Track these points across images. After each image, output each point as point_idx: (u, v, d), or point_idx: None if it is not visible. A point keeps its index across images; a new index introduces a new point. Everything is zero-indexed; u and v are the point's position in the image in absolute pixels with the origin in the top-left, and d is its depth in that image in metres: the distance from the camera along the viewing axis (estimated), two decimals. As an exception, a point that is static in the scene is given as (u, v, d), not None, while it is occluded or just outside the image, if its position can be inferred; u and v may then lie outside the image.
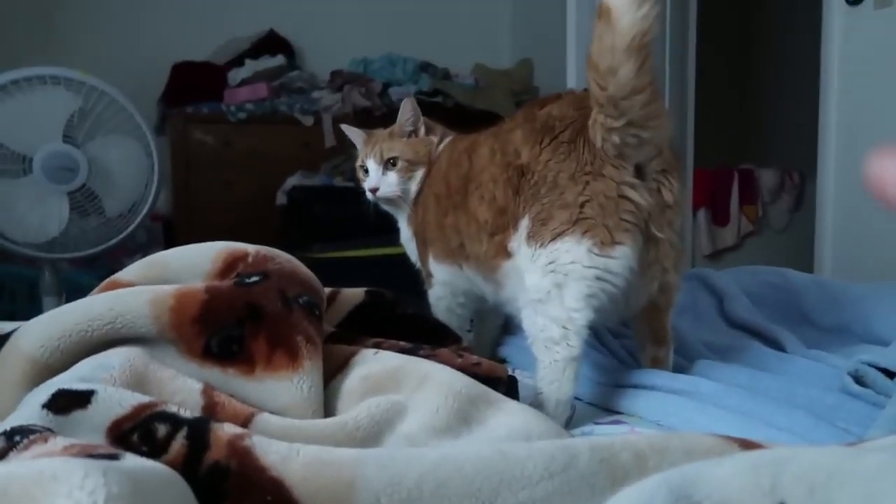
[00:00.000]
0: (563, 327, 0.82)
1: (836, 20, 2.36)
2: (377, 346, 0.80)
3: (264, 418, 0.60)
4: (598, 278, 0.81)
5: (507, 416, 0.64)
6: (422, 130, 1.17)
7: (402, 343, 0.83)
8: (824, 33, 2.41)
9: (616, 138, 0.79)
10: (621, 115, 0.77)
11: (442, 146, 1.15)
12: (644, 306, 0.91)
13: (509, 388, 0.76)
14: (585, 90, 0.86)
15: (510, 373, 0.80)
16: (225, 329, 0.69)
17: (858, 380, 0.79)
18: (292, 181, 2.63)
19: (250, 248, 0.80)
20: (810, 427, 0.71)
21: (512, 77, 3.51)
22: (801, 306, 1.14)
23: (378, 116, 3.06)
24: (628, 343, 1.03)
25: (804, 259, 2.51)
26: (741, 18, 4.29)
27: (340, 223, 2.48)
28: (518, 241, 0.87)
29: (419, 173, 1.13)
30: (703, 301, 1.18)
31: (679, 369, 0.92)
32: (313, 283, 0.79)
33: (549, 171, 0.84)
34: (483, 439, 0.60)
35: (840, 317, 1.09)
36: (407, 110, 1.17)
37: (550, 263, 0.82)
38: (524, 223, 0.86)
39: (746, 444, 0.52)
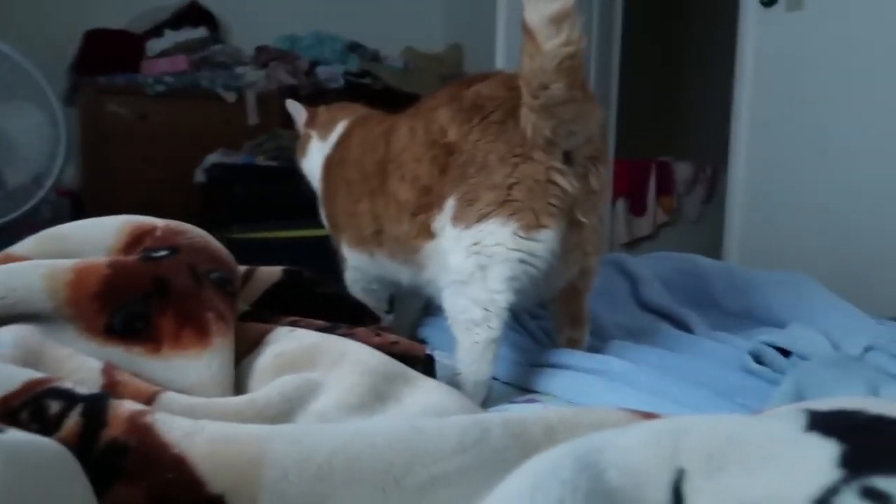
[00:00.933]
0: (485, 309, 0.82)
1: (751, 21, 2.47)
2: (293, 324, 0.78)
3: (169, 396, 0.58)
4: (522, 261, 0.81)
5: (423, 393, 0.64)
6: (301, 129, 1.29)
7: (319, 322, 0.81)
8: (740, 33, 2.52)
9: (547, 132, 0.79)
10: (552, 116, 0.78)
11: (340, 127, 1.14)
12: (564, 289, 0.92)
13: (427, 367, 0.76)
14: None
15: (428, 352, 0.80)
16: (129, 305, 0.65)
17: (758, 359, 0.83)
18: (212, 158, 2.54)
19: (158, 222, 0.77)
20: (713, 403, 0.74)
21: (442, 61, 3.50)
22: (709, 291, 1.19)
23: (304, 95, 2.99)
24: (545, 324, 1.05)
25: (715, 249, 2.63)
26: (663, 18, 4.43)
27: (262, 203, 2.42)
28: (442, 222, 0.86)
29: None
30: (618, 285, 1.22)
31: (593, 350, 0.94)
32: (226, 258, 0.76)
33: (478, 151, 0.83)
34: (398, 416, 0.60)
35: (744, 302, 1.15)
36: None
37: (475, 245, 0.82)
38: (450, 203, 0.85)
39: (650, 418, 0.54)
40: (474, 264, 0.82)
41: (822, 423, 0.34)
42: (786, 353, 0.83)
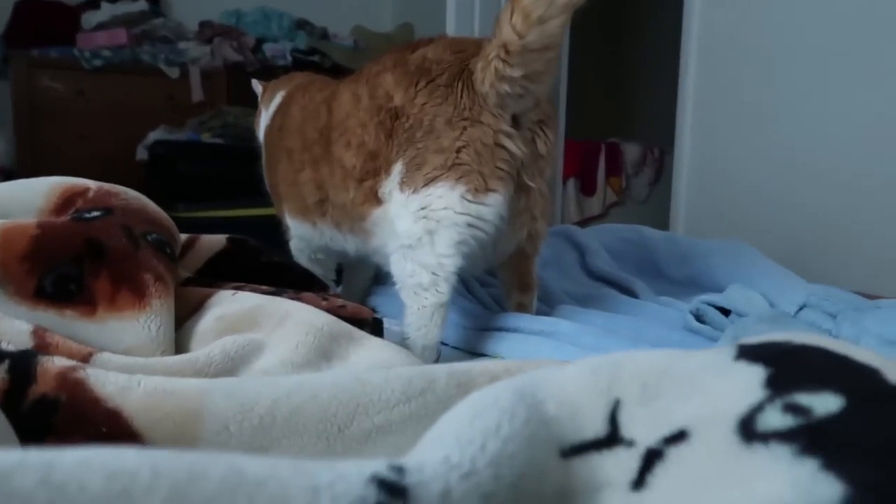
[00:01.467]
0: (433, 273, 0.82)
1: (696, 3, 2.51)
2: (237, 290, 0.76)
3: (104, 356, 0.56)
4: (470, 225, 0.81)
5: (369, 351, 0.63)
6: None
7: (263, 287, 0.80)
8: (685, 15, 2.56)
9: (506, 87, 0.78)
10: (523, 65, 0.76)
11: (279, 97, 1.13)
12: (512, 253, 0.93)
13: (375, 330, 0.75)
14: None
15: (377, 316, 0.80)
16: (60, 267, 0.63)
17: (699, 318, 0.86)
18: (155, 135, 2.46)
19: (91, 184, 0.74)
20: (656, 361, 0.76)
21: (392, 41, 3.46)
22: (653, 260, 1.21)
23: (251, 72, 2.92)
24: (494, 291, 1.05)
25: (662, 228, 2.66)
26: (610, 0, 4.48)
27: (208, 181, 2.36)
28: (390, 187, 0.85)
29: None
30: (566, 255, 1.23)
31: (542, 315, 0.95)
32: (164, 220, 0.74)
33: (424, 114, 0.82)
34: (343, 370, 0.59)
35: (687, 269, 1.18)
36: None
37: (423, 209, 0.81)
38: (397, 168, 0.84)
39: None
40: (422, 228, 0.81)
41: (749, 352, 0.35)
42: (725, 312, 0.85)
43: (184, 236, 0.85)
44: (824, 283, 1.10)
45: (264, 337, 0.63)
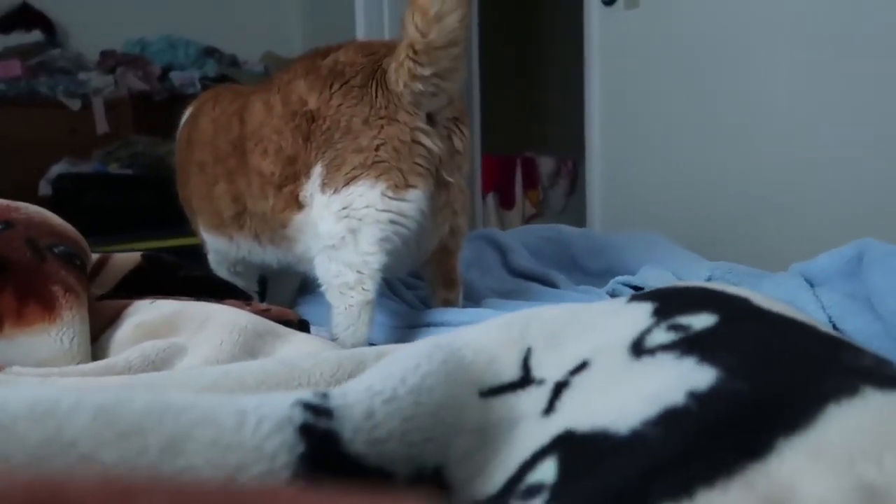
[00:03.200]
0: (358, 272, 0.82)
1: (595, 19, 2.63)
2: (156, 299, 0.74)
3: (15, 369, 0.53)
4: (392, 221, 0.82)
5: (296, 345, 0.63)
6: None
7: (183, 299, 0.78)
8: (585, 31, 2.68)
9: (419, 86, 0.80)
10: (431, 63, 0.78)
11: (187, 111, 1.13)
12: (435, 250, 0.94)
13: (300, 330, 0.75)
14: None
15: (302, 318, 0.79)
16: (-40, 284, 0.60)
17: (614, 297, 0.89)
18: (58, 169, 2.36)
19: None
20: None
21: (303, 66, 3.46)
22: (572, 255, 1.26)
23: (159, 101, 2.85)
24: (420, 293, 1.06)
25: (579, 233, 2.76)
26: (515, 18, 4.63)
27: (118, 213, 2.27)
28: (311, 190, 0.86)
29: None
30: (488, 256, 1.26)
31: (467, 310, 0.97)
32: (70, 233, 0.71)
33: (341, 115, 0.83)
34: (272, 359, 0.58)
35: (604, 261, 1.22)
36: None
37: (344, 209, 0.82)
38: (317, 170, 0.85)
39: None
40: (345, 228, 0.82)
41: (640, 296, 0.41)
42: (638, 290, 0.89)
43: (95, 255, 0.82)
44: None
45: (186, 340, 0.61)
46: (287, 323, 0.74)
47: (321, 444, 0.26)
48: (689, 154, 2.29)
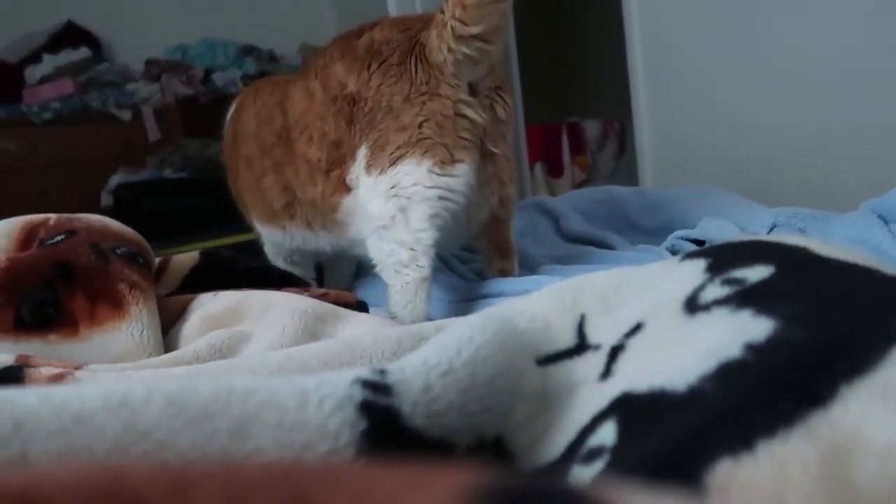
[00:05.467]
0: (411, 249, 0.83)
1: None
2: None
3: (92, 367, 0.56)
4: (441, 197, 0.82)
5: (356, 325, 0.64)
6: None
7: (244, 290, 0.80)
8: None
9: (463, 48, 0.79)
10: (477, 22, 0.77)
11: (231, 108, 1.14)
12: (487, 221, 0.94)
13: (359, 311, 0.76)
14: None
15: (360, 300, 0.80)
16: (34, 294, 0.63)
17: (674, 253, 0.88)
18: (116, 179, 2.45)
19: (51, 215, 0.75)
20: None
21: (340, 53, 3.48)
22: (626, 214, 1.23)
23: (204, 104, 2.92)
24: (475, 266, 1.06)
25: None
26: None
27: (177, 217, 2.35)
28: (357, 172, 0.86)
29: None
30: (541, 224, 1.25)
31: (523, 279, 0.96)
32: (131, 236, 0.74)
33: (381, 95, 0.83)
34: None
35: (661, 218, 1.19)
36: None
37: (392, 188, 0.82)
38: (362, 152, 0.85)
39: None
40: (395, 207, 0.82)
41: (693, 254, 0.40)
42: (700, 244, 0.87)
43: (156, 260, 0.85)
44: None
45: (250, 328, 0.63)
46: (346, 305, 0.75)
47: (382, 420, 0.27)
48: (740, 101, 2.20)
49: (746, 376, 0.26)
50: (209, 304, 0.69)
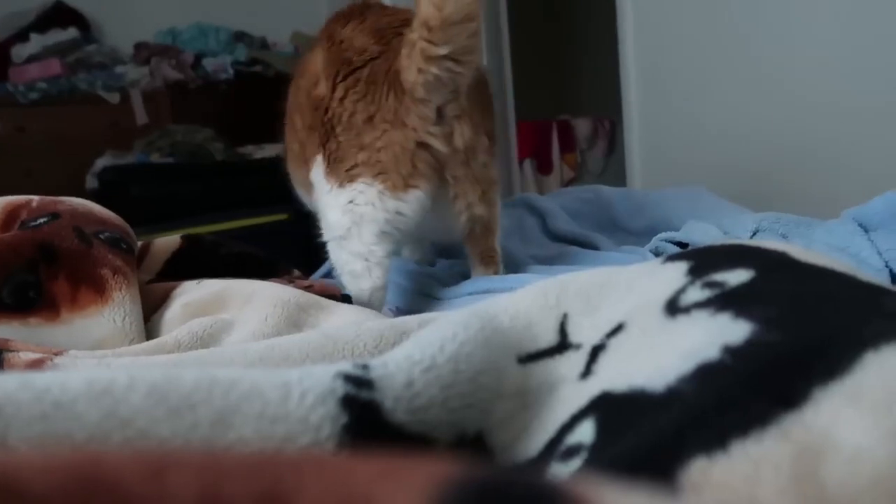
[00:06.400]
0: (365, 260, 0.85)
1: (626, -29, 2.56)
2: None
3: (72, 353, 0.56)
4: (389, 220, 0.83)
5: (340, 316, 0.64)
6: None
7: (227, 277, 0.80)
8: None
9: (434, 69, 0.77)
10: (447, 41, 0.75)
11: None
12: (467, 232, 0.93)
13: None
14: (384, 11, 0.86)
15: (344, 293, 0.80)
16: (15, 276, 0.63)
17: (658, 255, 0.88)
18: (102, 162, 2.42)
19: (33, 196, 0.74)
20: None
21: (332, 43, 3.46)
22: (613, 215, 1.24)
23: (194, 89, 2.90)
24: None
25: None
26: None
27: (163, 202, 2.33)
28: (317, 175, 0.87)
29: None
30: (527, 222, 1.25)
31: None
32: (113, 220, 0.74)
33: (343, 109, 0.83)
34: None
35: (646, 219, 1.20)
36: None
37: (350, 203, 0.83)
38: (319, 158, 0.86)
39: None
40: (350, 220, 0.84)
41: (675, 256, 0.40)
42: (683, 247, 0.88)
43: (138, 244, 0.85)
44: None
45: (232, 316, 0.63)
46: (330, 297, 0.76)
47: (364, 415, 0.27)
48: (729, 105, 2.22)
49: (723, 378, 0.27)
50: (192, 291, 0.69)
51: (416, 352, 0.30)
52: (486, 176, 0.90)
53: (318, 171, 0.86)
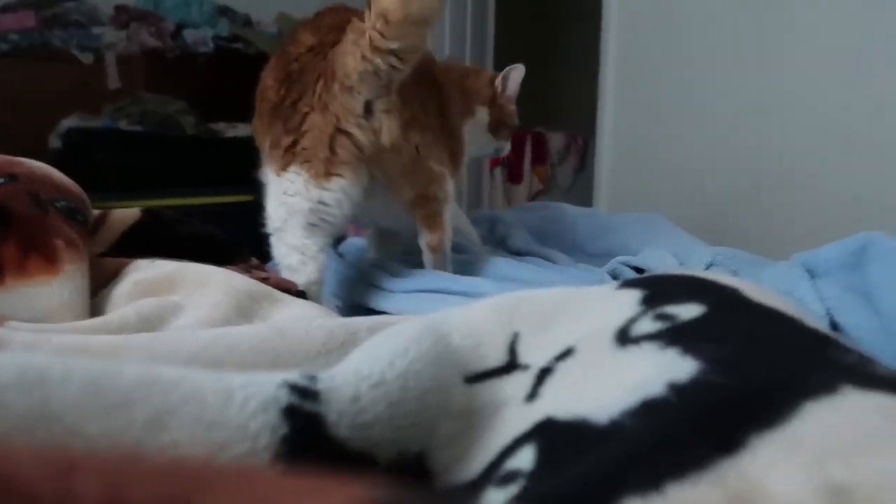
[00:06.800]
0: (301, 254, 0.85)
1: (615, -6, 2.59)
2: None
3: (13, 324, 0.54)
4: (313, 210, 0.83)
5: (292, 310, 0.63)
6: None
7: (183, 259, 0.78)
8: (604, 7, 2.63)
9: (378, 60, 0.77)
10: (399, 38, 0.75)
11: None
12: (414, 199, 0.92)
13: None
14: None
15: (300, 288, 0.79)
16: (-36, 235, 0.60)
17: (615, 278, 0.89)
18: (68, 123, 2.35)
19: None
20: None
21: (318, 29, 3.43)
22: (573, 236, 1.25)
23: (171, 59, 2.84)
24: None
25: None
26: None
27: (126, 170, 2.27)
28: (265, 165, 0.88)
29: None
30: (488, 239, 1.26)
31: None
32: (72, 188, 0.71)
33: (278, 97, 0.84)
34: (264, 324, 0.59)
35: (605, 243, 1.21)
36: None
37: (284, 193, 0.84)
38: (266, 145, 0.87)
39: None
40: (285, 212, 0.84)
41: (631, 283, 0.40)
42: (640, 272, 0.89)
43: (95, 212, 0.82)
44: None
45: (182, 299, 0.62)
46: (285, 291, 0.75)
47: (304, 427, 0.26)
48: (701, 137, 2.26)
49: (666, 416, 0.27)
50: (144, 270, 0.67)
51: (366, 366, 0.30)
52: (423, 174, 0.89)
53: (264, 159, 0.88)
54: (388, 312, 0.90)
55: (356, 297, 0.98)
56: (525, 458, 0.29)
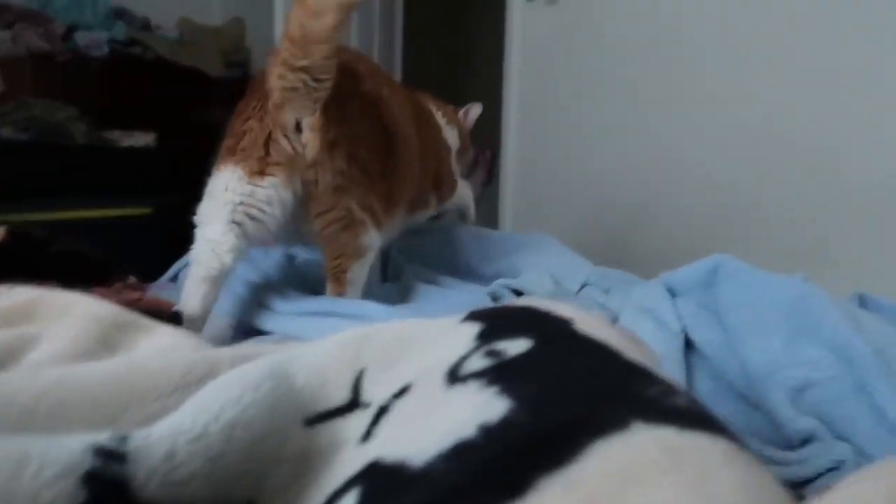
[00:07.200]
0: (212, 249, 0.87)
1: (516, 14, 2.67)
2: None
3: None
4: (242, 204, 0.87)
5: (158, 338, 0.61)
6: None
7: (49, 284, 0.75)
8: (507, 26, 2.71)
9: (290, 76, 0.85)
10: (305, 56, 0.83)
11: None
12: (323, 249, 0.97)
13: (173, 322, 0.74)
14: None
15: (176, 310, 0.78)
16: None
17: (496, 300, 0.92)
18: (-58, 128, 2.19)
19: None
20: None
21: (222, 35, 3.34)
22: (465, 259, 1.27)
23: (61, 63, 2.69)
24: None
25: (492, 226, 2.81)
26: (445, 10, 4.61)
27: (10, 180, 2.13)
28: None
29: None
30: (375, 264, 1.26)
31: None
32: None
33: (234, 114, 0.94)
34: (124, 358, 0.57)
35: (496, 265, 1.24)
36: None
37: (218, 189, 0.89)
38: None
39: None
40: (211, 206, 0.89)
41: (474, 315, 0.41)
42: (519, 293, 0.92)
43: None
44: (627, 268, 1.21)
45: (40, 330, 0.59)
46: (158, 314, 0.73)
47: (104, 492, 0.25)
48: (597, 155, 2.36)
49: (471, 459, 0.27)
50: (1, 299, 0.64)
51: (188, 419, 0.30)
52: (341, 211, 0.93)
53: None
54: (273, 333, 0.90)
55: (244, 317, 0.96)
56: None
